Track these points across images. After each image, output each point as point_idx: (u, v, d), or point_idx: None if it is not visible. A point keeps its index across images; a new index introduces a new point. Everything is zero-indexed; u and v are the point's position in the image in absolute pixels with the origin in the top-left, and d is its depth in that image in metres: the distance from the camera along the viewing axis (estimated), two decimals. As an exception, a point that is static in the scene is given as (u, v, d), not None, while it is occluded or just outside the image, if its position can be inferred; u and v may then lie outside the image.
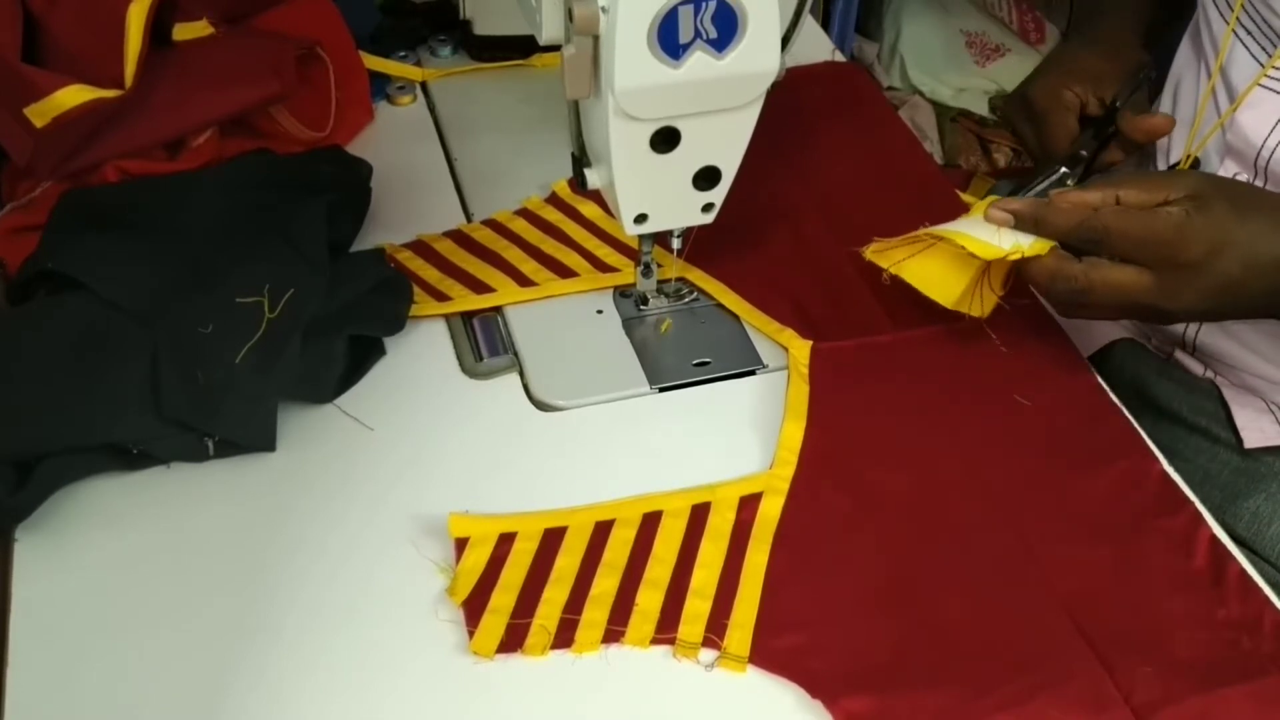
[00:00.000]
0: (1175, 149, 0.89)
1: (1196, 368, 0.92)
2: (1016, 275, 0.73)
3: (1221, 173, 0.84)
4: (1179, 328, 0.90)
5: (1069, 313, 0.74)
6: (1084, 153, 0.87)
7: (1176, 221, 0.67)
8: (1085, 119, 0.90)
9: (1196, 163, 0.86)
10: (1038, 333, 0.80)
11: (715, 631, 0.62)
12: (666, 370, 0.79)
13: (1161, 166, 0.90)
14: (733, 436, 0.74)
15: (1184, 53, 0.93)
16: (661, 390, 0.78)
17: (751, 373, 0.79)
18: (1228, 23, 0.84)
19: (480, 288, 0.82)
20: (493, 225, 0.88)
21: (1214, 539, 0.68)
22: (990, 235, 0.71)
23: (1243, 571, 0.67)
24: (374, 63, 1.01)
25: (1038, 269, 0.70)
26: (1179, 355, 0.93)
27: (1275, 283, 0.69)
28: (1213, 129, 0.85)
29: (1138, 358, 0.96)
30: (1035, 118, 0.91)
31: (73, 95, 0.76)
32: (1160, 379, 0.94)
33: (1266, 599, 0.65)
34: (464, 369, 0.78)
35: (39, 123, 0.76)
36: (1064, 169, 0.84)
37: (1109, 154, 0.89)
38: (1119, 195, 0.69)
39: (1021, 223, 0.71)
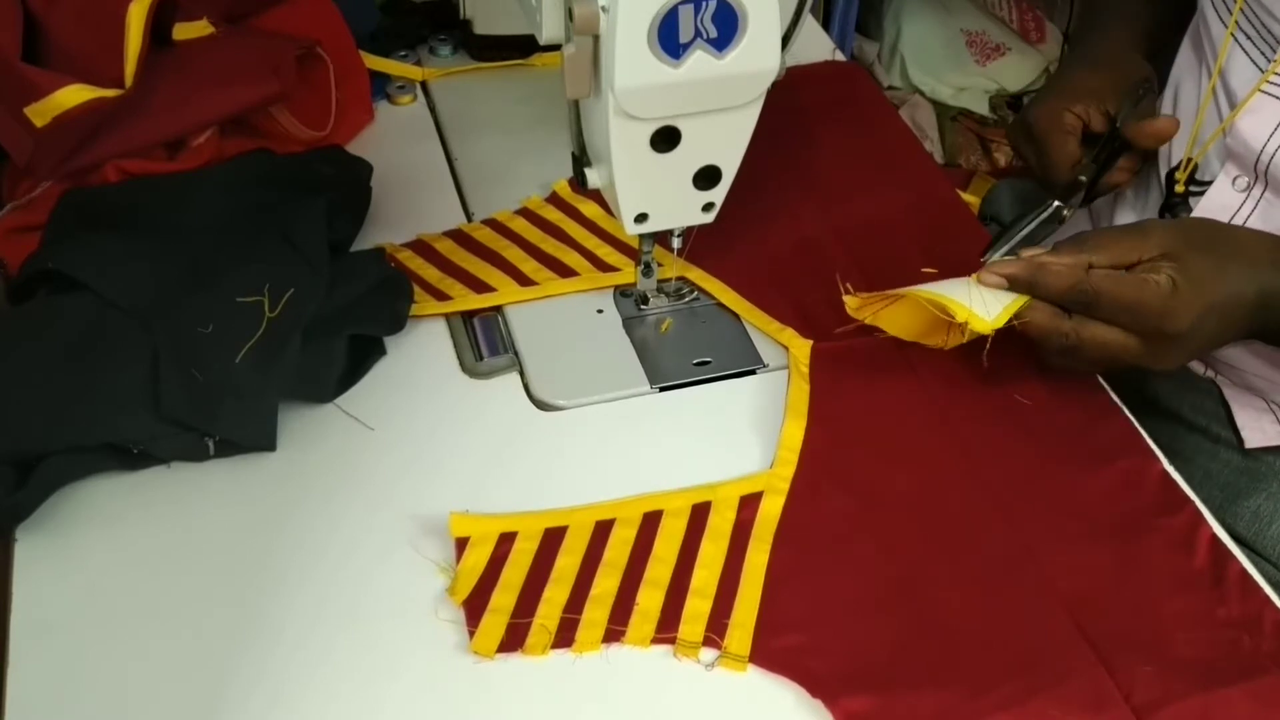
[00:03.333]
0: (1176, 152, 0.89)
1: (1197, 367, 0.91)
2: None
3: (1222, 176, 0.84)
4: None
5: (1055, 366, 0.74)
6: (1083, 178, 0.87)
7: (1164, 293, 0.68)
8: (1092, 138, 0.89)
9: (1196, 167, 0.86)
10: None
11: (716, 631, 0.62)
12: (667, 370, 0.79)
13: (1163, 170, 0.90)
14: (733, 436, 0.74)
15: (1184, 56, 0.93)
16: (662, 390, 0.77)
17: (752, 372, 0.79)
18: (1227, 26, 0.84)
19: (480, 287, 0.82)
20: (493, 225, 0.88)
21: (1214, 538, 0.68)
22: (963, 295, 0.71)
23: (1243, 571, 0.67)
24: (374, 62, 1.01)
25: (1034, 325, 0.71)
26: None
27: (1251, 324, 0.72)
28: (1214, 135, 0.85)
29: None
30: (1036, 141, 0.91)
31: (73, 95, 0.77)
32: (1160, 378, 0.94)
33: (1267, 598, 0.65)
34: (464, 368, 0.78)
35: (39, 122, 0.76)
36: (1056, 202, 0.83)
37: (1114, 175, 0.89)
38: (1091, 261, 0.70)
39: (1016, 285, 0.71)
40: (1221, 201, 0.84)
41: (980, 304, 0.70)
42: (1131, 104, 0.88)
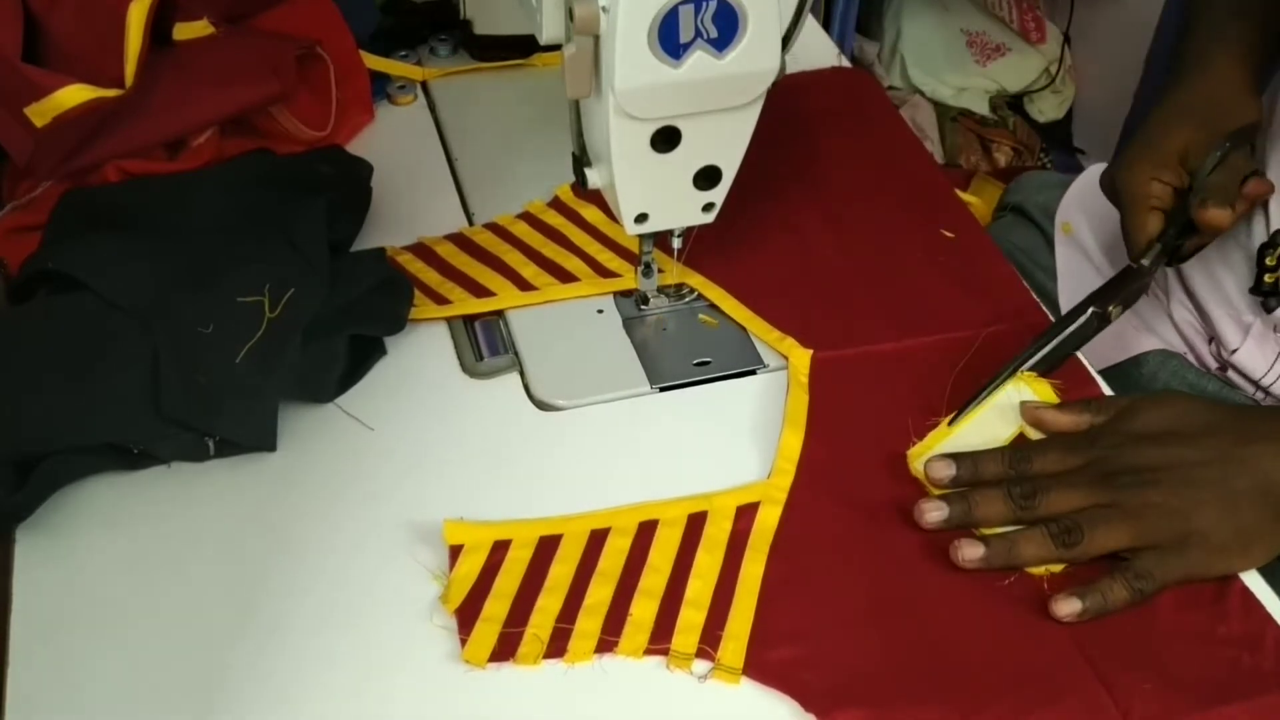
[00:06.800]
0: (1271, 220, 0.83)
1: (1247, 388, 0.89)
2: None
3: None
4: (1232, 342, 0.88)
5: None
6: (1158, 248, 0.78)
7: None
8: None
9: None
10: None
11: (709, 643, 0.62)
12: (667, 370, 0.79)
13: (1250, 243, 0.83)
14: (732, 438, 0.74)
15: None
16: (662, 390, 0.77)
17: (752, 372, 0.79)
18: None
19: (480, 291, 0.82)
20: (494, 229, 0.88)
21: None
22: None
23: (1245, 588, 0.66)
24: (374, 62, 1.01)
25: (1119, 604, 0.64)
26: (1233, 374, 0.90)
27: None
28: None
29: (1170, 370, 0.92)
30: (1121, 207, 0.81)
31: (73, 95, 0.76)
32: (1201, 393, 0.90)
33: (1268, 616, 0.65)
34: (464, 368, 0.78)
35: (39, 122, 0.76)
36: (1093, 308, 0.75)
37: (1196, 239, 0.80)
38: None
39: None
40: None
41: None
42: (1211, 165, 0.78)
